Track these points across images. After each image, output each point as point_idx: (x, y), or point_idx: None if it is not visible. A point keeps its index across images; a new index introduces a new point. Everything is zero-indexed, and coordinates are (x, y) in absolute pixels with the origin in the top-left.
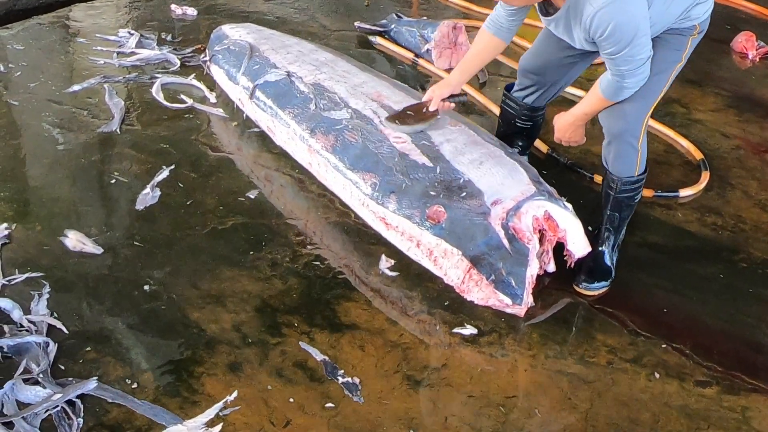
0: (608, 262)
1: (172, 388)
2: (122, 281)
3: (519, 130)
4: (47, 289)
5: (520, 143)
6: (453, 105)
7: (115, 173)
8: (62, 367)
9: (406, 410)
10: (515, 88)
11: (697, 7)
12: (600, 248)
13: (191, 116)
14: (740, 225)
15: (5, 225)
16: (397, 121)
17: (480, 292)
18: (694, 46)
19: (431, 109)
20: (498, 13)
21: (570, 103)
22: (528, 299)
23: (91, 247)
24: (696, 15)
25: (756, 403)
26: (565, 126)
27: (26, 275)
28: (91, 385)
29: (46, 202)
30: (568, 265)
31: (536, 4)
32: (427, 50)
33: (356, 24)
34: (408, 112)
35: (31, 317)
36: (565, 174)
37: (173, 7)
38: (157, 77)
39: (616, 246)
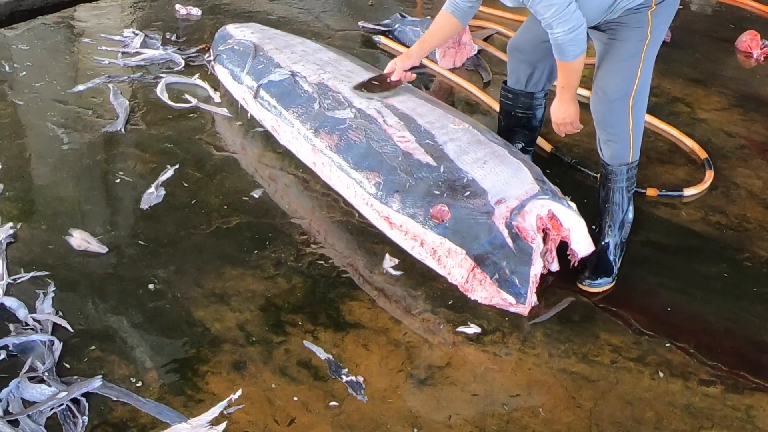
0: (610, 257)
1: (177, 386)
2: (127, 280)
3: (519, 122)
4: (52, 287)
5: (522, 138)
6: (414, 76)
7: (120, 173)
8: (67, 366)
9: (409, 409)
10: (508, 76)
11: None
12: (602, 242)
13: (196, 116)
14: (745, 224)
15: (11, 224)
16: (364, 89)
17: (484, 291)
18: (667, 22)
19: (394, 78)
20: None
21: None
22: (532, 298)
23: (95, 246)
24: None
25: (760, 402)
26: (556, 109)
27: (31, 274)
28: (96, 384)
29: (51, 201)
30: (571, 264)
31: None
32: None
33: (360, 24)
34: (374, 82)
35: (36, 316)
36: (569, 173)
37: (177, 7)
38: (161, 77)
39: (619, 243)
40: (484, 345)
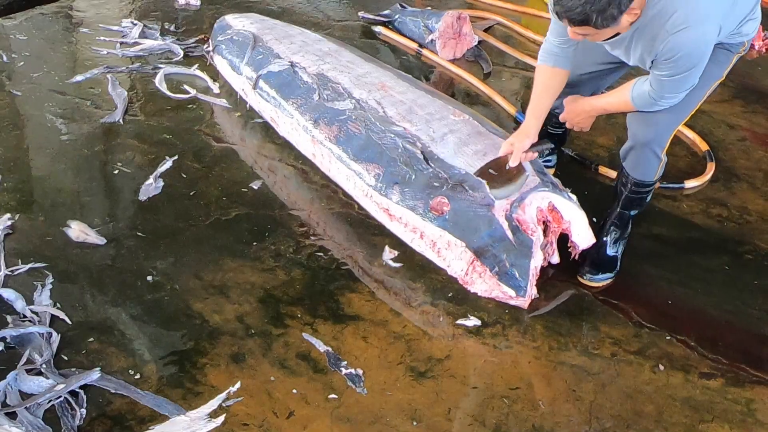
0: (613, 254)
1: (175, 378)
2: (125, 272)
3: (548, 136)
4: (50, 279)
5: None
6: (536, 155)
7: (119, 164)
8: (65, 358)
9: (409, 401)
10: None
11: (749, 23)
12: (604, 239)
13: (194, 107)
14: (746, 216)
15: (8, 215)
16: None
17: (483, 284)
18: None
19: (513, 163)
20: (549, 42)
21: None
22: (532, 291)
23: (94, 237)
24: (746, 31)
25: (761, 396)
26: (578, 111)
27: (29, 266)
28: (94, 376)
29: (49, 192)
30: (572, 256)
31: None
32: (432, 41)
33: (360, 14)
34: (491, 172)
35: (34, 308)
36: (570, 165)
37: None
38: (160, 68)
39: (621, 239)
40: (484, 338)
